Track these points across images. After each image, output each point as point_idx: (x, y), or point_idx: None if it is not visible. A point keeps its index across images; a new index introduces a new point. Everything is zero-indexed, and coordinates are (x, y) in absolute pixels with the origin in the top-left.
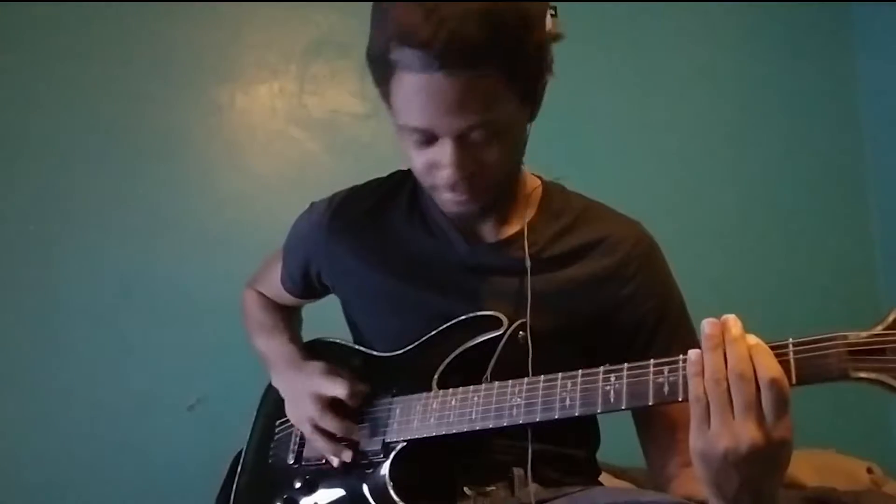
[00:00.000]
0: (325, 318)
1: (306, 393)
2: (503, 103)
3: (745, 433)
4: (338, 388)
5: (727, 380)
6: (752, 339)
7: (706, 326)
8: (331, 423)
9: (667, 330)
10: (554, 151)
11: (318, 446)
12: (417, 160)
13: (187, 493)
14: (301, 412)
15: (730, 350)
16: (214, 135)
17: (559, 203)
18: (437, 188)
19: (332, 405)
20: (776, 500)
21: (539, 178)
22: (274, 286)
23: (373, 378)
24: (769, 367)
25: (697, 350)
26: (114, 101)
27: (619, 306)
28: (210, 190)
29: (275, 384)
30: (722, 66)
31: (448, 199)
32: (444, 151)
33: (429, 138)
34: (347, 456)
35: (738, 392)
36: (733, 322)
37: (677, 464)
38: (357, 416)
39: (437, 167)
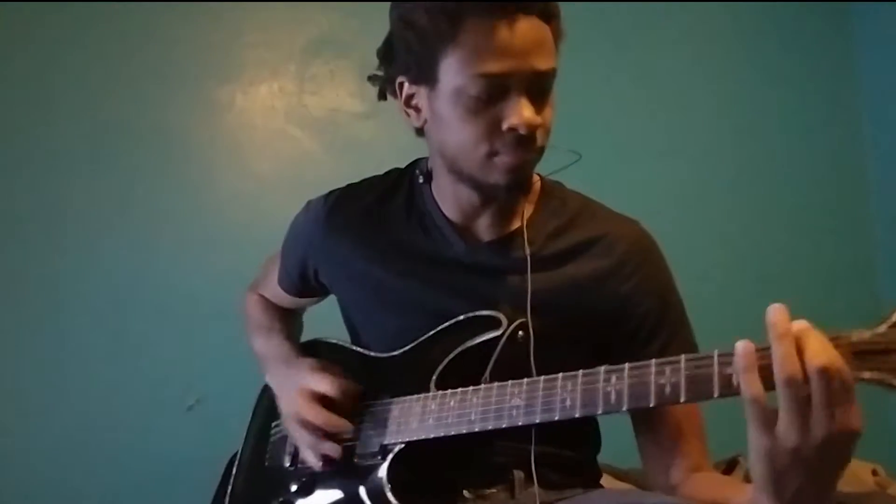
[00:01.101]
0: (325, 319)
1: (295, 388)
2: (557, 60)
3: (820, 429)
4: (324, 384)
5: (802, 374)
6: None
7: (772, 312)
8: (311, 412)
9: (666, 329)
10: (553, 150)
11: (298, 441)
12: (474, 125)
13: (187, 493)
14: (289, 408)
15: (808, 342)
16: (214, 135)
17: (557, 201)
18: (494, 155)
19: (320, 400)
20: (833, 496)
21: (537, 174)
22: (273, 287)
23: (370, 379)
24: (826, 353)
25: (746, 342)
26: (114, 101)
27: (618, 305)
28: (210, 190)
29: (268, 382)
30: (722, 66)
31: (508, 163)
32: (513, 103)
33: (498, 90)
34: (329, 448)
35: (823, 385)
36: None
37: (683, 468)
38: (351, 418)
39: (499, 125)
